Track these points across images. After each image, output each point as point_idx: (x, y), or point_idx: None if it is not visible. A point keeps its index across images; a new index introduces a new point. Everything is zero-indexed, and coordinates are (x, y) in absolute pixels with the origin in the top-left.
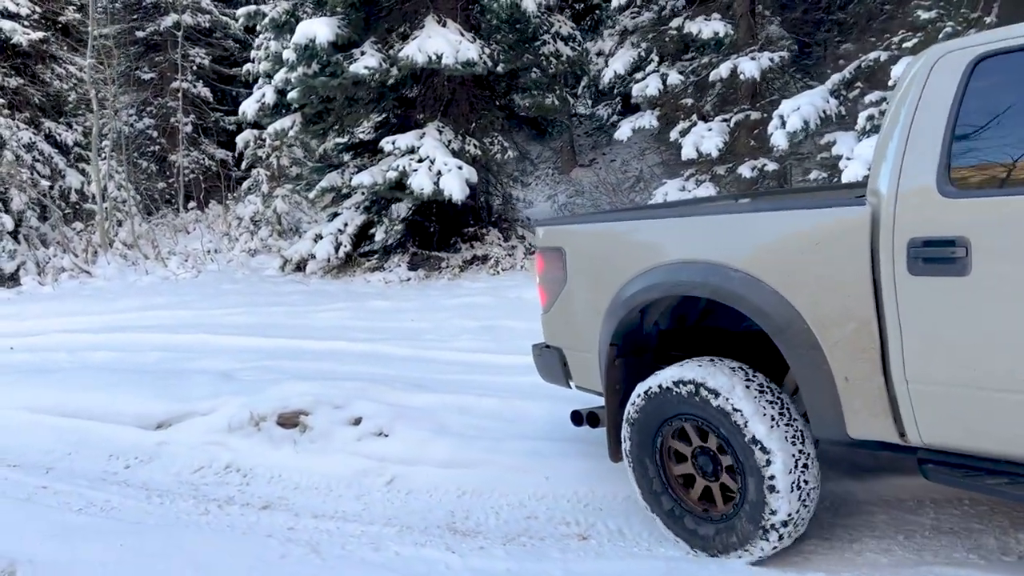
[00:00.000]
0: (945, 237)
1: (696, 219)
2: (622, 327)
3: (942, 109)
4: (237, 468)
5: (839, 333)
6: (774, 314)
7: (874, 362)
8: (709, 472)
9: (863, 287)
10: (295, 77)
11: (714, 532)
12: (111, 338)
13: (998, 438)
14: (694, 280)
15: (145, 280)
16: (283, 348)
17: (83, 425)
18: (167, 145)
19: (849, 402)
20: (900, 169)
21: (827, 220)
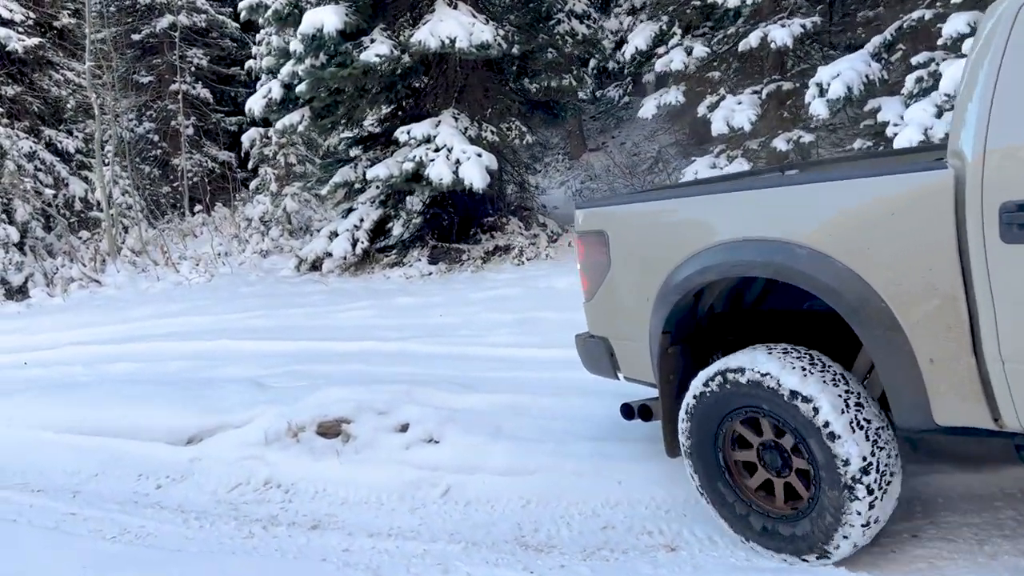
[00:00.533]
0: None
1: (754, 193)
2: (675, 313)
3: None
4: (277, 484)
5: (922, 311)
6: (847, 293)
7: (962, 341)
8: (779, 468)
9: (948, 259)
10: (303, 69)
11: (788, 532)
12: (129, 348)
13: None
14: (755, 260)
15: (157, 287)
16: (309, 351)
17: (109, 443)
18: (169, 148)
19: (935, 386)
20: (987, 127)
21: (904, 187)
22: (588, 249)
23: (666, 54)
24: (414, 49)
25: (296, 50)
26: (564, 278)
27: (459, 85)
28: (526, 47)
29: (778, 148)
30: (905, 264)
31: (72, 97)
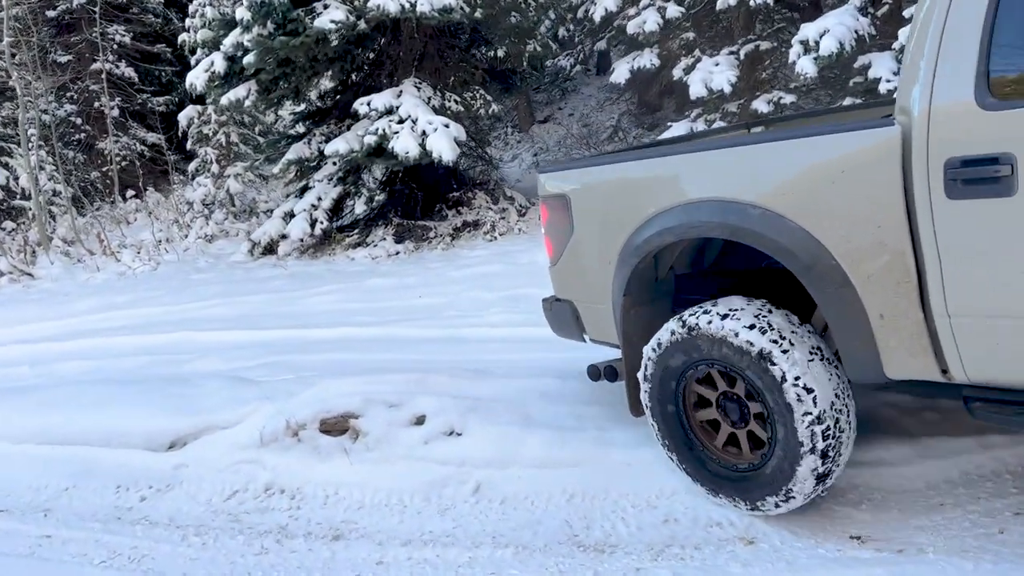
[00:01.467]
0: (987, 155)
1: (708, 154)
2: (636, 275)
3: (978, 9)
4: (281, 489)
5: (871, 267)
6: (799, 251)
7: (911, 296)
8: (737, 419)
9: (896, 216)
10: (250, 39)
11: (744, 481)
12: (79, 345)
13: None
14: (710, 221)
15: (99, 277)
16: (285, 340)
17: (79, 452)
18: (94, 132)
19: (885, 340)
20: (932, 82)
21: (852, 145)
22: (552, 213)
23: (637, 15)
24: (371, 14)
25: (243, 18)
26: (545, 253)
27: (417, 53)
28: (489, 11)
29: (759, 110)
30: (855, 221)
31: None
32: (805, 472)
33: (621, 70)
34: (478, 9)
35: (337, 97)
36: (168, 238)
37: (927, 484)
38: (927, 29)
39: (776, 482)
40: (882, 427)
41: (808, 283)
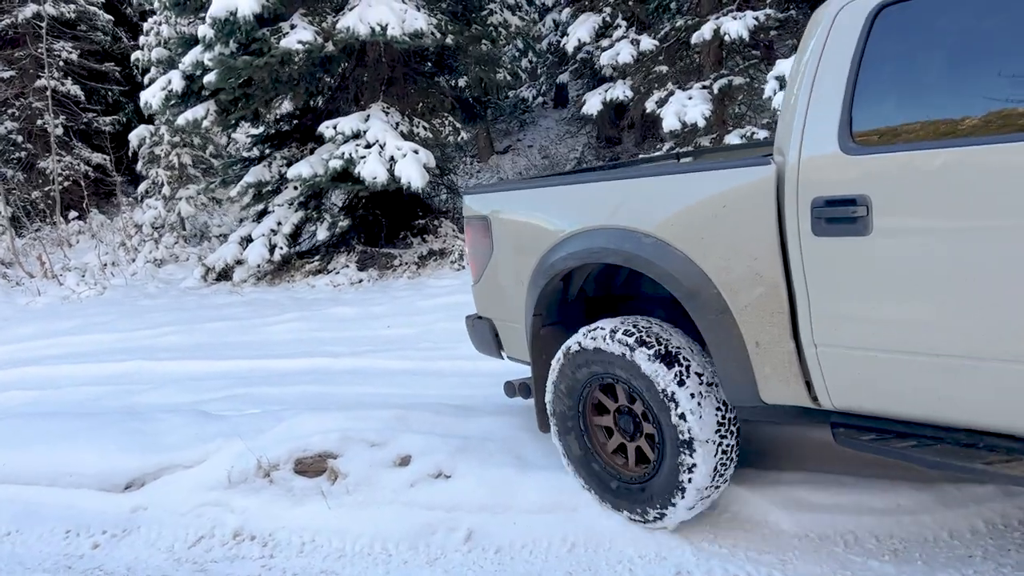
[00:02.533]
0: (846, 196)
1: (611, 183)
2: (545, 296)
3: (844, 62)
4: (251, 535)
5: (748, 297)
6: (684, 279)
7: (784, 326)
8: (629, 433)
9: (771, 250)
10: (212, 58)
11: (635, 495)
12: (20, 374)
13: (903, 400)
14: (608, 247)
15: (40, 301)
16: (247, 371)
17: (22, 493)
18: (35, 150)
19: (760, 367)
20: (804, 126)
21: (733, 181)
22: (474, 234)
23: (611, 47)
24: (340, 36)
25: (206, 36)
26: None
27: (384, 77)
28: (459, 37)
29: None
30: (734, 253)
31: None
32: (687, 483)
33: (593, 102)
34: (449, 35)
35: (297, 121)
36: (114, 261)
37: (951, 533)
38: (802, 80)
39: (658, 494)
40: (894, 472)
41: (691, 309)
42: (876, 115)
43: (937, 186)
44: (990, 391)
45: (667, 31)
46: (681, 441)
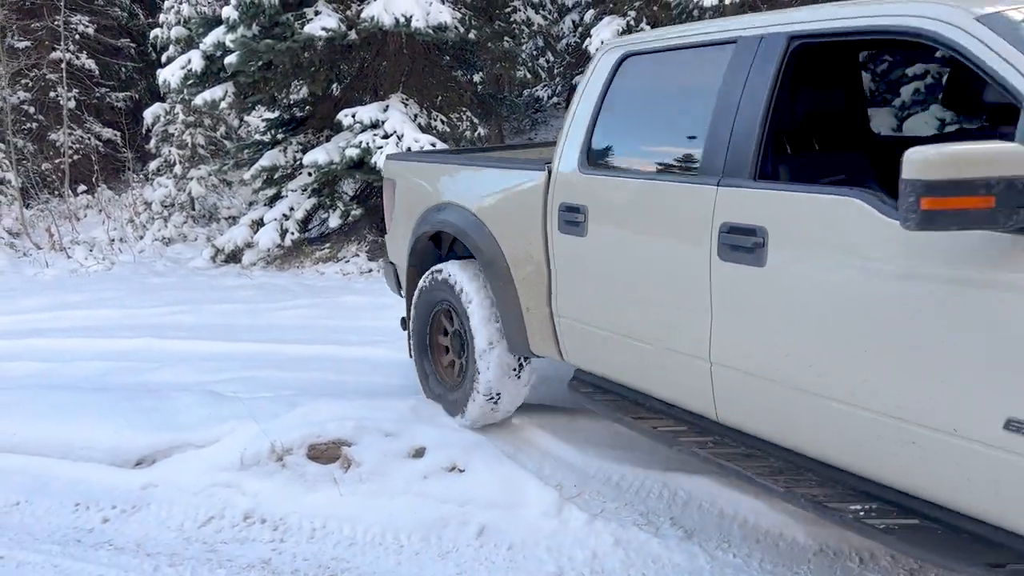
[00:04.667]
0: (575, 204)
1: (460, 167)
2: (416, 252)
3: (593, 98)
4: (262, 518)
5: (524, 272)
6: (486, 251)
7: (543, 297)
8: (457, 351)
9: (539, 237)
10: (233, 39)
11: (453, 397)
12: (28, 345)
13: (609, 367)
14: (447, 219)
15: (48, 273)
16: (257, 354)
17: (31, 463)
18: (47, 122)
19: (530, 326)
20: (564, 145)
21: (523, 179)
22: (387, 192)
23: None
24: (364, 25)
25: (229, 17)
26: None
27: (405, 69)
28: (481, 33)
29: None
30: (519, 236)
31: None
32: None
33: None
34: (472, 30)
35: (312, 107)
36: (122, 238)
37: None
38: (571, 107)
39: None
40: None
41: (488, 276)
42: (603, 144)
43: (624, 205)
44: (665, 370)
45: None
46: (474, 357)
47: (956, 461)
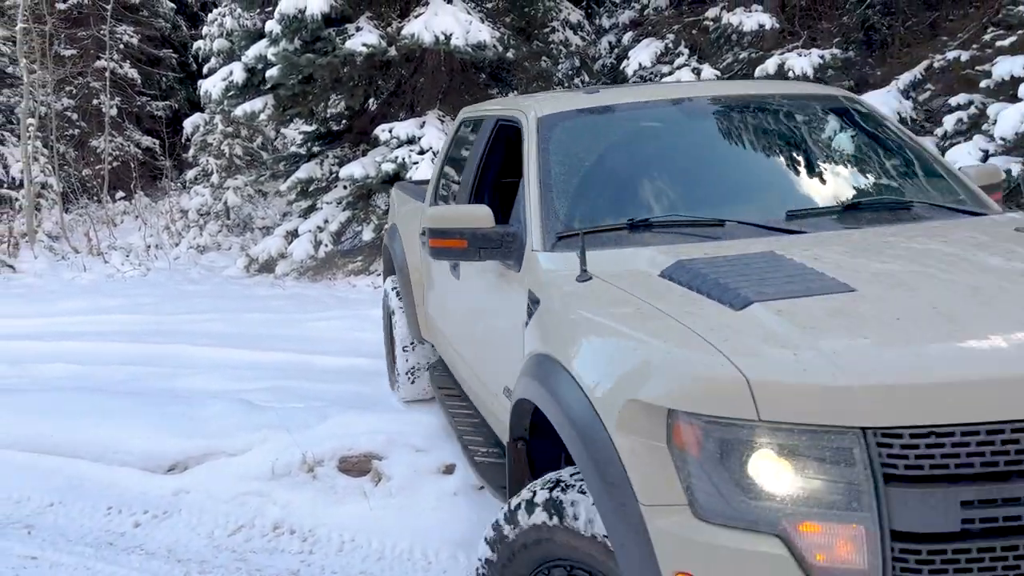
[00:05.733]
0: (424, 229)
1: (407, 196)
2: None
3: (443, 151)
4: (291, 529)
5: (416, 276)
6: (398, 261)
7: (422, 295)
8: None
9: (418, 250)
10: (275, 53)
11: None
12: (64, 347)
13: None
14: (390, 238)
15: (85, 277)
16: (289, 364)
17: (66, 465)
18: (88, 129)
19: (420, 317)
20: (436, 184)
21: (415, 205)
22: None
23: (671, 73)
24: (404, 42)
25: (272, 31)
26: None
27: (442, 86)
28: (520, 52)
29: None
30: (412, 247)
31: None
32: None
33: None
34: (510, 49)
35: (348, 121)
36: (158, 244)
37: None
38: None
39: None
40: None
41: (398, 275)
42: (440, 188)
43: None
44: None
45: (730, 62)
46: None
47: (497, 413)
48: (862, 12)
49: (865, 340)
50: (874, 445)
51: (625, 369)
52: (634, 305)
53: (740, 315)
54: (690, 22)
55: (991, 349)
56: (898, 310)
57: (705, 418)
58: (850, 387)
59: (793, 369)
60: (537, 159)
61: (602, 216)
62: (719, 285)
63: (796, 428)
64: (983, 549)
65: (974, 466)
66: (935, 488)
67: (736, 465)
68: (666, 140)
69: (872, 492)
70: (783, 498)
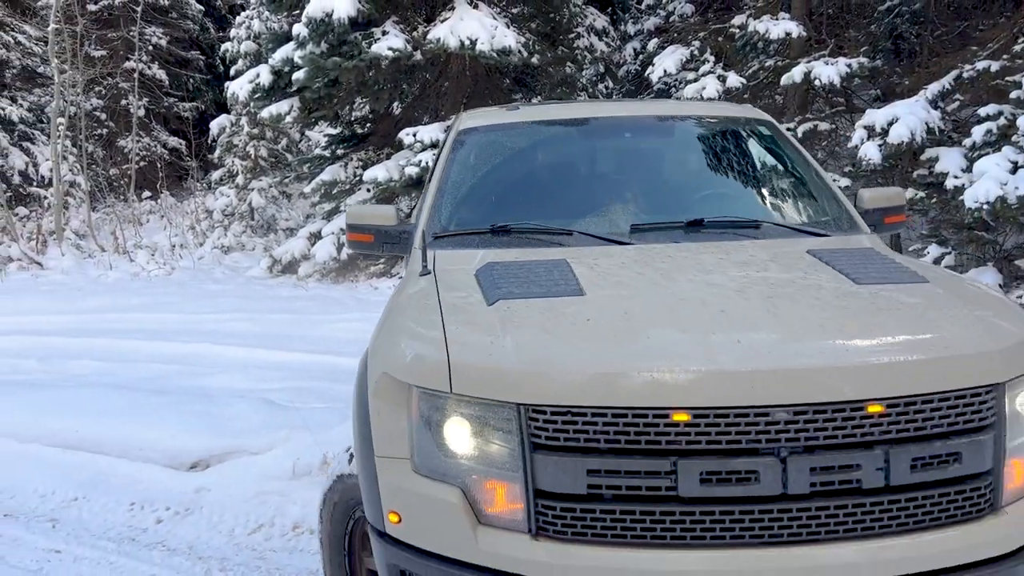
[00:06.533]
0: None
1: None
2: None
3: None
4: (311, 529)
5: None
6: None
7: None
8: None
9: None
10: (302, 56)
11: None
12: (89, 344)
13: None
14: None
15: (111, 276)
16: (312, 365)
17: (90, 460)
18: (116, 129)
19: None
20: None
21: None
22: None
23: (696, 80)
24: (429, 47)
25: (300, 34)
26: None
27: (467, 90)
28: (545, 58)
29: None
30: None
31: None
32: None
33: None
34: (535, 54)
35: (371, 124)
36: (183, 244)
37: None
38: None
39: None
40: None
41: None
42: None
43: None
44: None
45: (755, 70)
46: None
47: None
48: (890, 21)
49: (546, 334)
50: (526, 419)
51: (386, 346)
52: (431, 296)
53: (487, 309)
54: (716, 29)
55: (634, 347)
56: (597, 313)
57: (420, 389)
58: (512, 370)
59: (481, 353)
60: (443, 166)
61: (476, 220)
62: (493, 284)
63: (475, 401)
64: (605, 511)
65: (600, 442)
66: (567, 457)
67: (436, 429)
68: (554, 156)
69: (522, 456)
70: (465, 457)
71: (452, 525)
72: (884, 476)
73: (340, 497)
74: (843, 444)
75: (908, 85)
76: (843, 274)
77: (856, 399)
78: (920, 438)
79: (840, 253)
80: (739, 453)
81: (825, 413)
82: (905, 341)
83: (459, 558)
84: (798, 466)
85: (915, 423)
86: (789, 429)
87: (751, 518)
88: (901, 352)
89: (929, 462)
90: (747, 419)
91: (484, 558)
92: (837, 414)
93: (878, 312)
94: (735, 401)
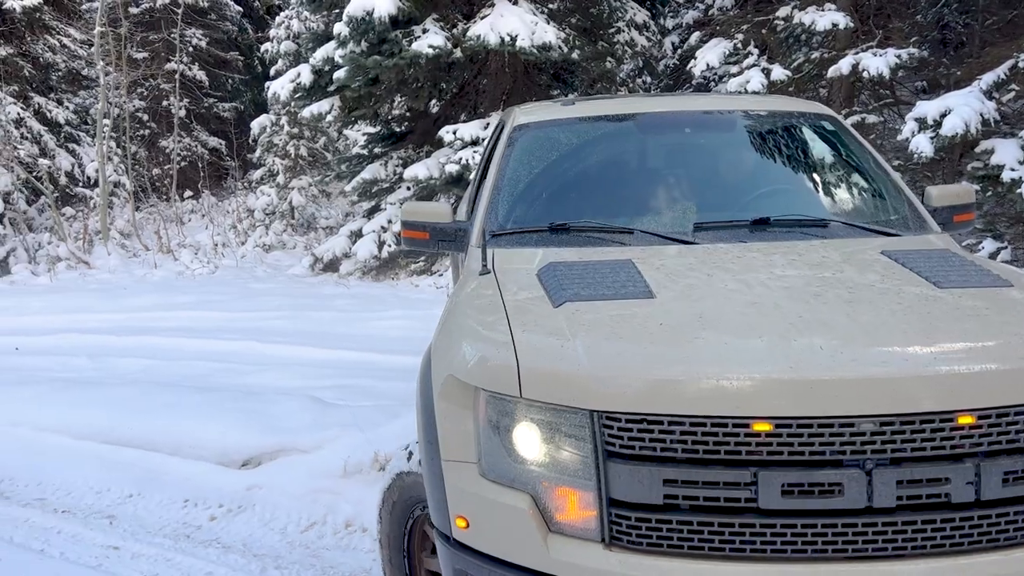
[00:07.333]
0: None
1: None
2: None
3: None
4: (363, 527)
5: None
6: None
7: None
8: None
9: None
10: (343, 55)
11: None
12: (138, 342)
13: None
14: None
15: (157, 274)
16: (355, 362)
17: (144, 458)
18: (158, 129)
19: None
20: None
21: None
22: None
23: (740, 74)
24: (469, 44)
25: (340, 33)
26: None
27: (506, 87)
28: (586, 53)
29: None
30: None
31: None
32: None
33: None
34: (575, 50)
35: (410, 123)
36: (225, 243)
37: None
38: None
39: None
40: None
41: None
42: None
43: None
44: None
45: (800, 62)
46: None
47: None
48: (937, 10)
49: (618, 339)
50: (599, 426)
51: (451, 347)
52: (494, 296)
53: (554, 311)
54: (759, 22)
55: (711, 354)
56: (670, 316)
57: (488, 393)
58: (584, 375)
59: (551, 357)
60: (499, 163)
61: (534, 218)
62: (558, 284)
63: (546, 406)
64: (682, 521)
65: (677, 451)
66: (643, 466)
67: (505, 433)
68: (612, 151)
69: (595, 464)
70: (534, 463)
71: (522, 532)
72: (974, 490)
73: (400, 495)
74: (931, 456)
75: (958, 76)
76: (922, 277)
77: (945, 410)
78: (1012, 451)
79: (915, 254)
80: (822, 465)
81: (913, 424)
82: (995, 348)
83: (529, 566)
84: (884, 479)
85: (1007, 435)
86: (875, 440)
87: (834, 532)
88: (991, 360)
89: (1022, 476)
90: (831, 429)
91: (555, 567)
92: (925, 425)
93: (964, 318)
94: (819, 411)
